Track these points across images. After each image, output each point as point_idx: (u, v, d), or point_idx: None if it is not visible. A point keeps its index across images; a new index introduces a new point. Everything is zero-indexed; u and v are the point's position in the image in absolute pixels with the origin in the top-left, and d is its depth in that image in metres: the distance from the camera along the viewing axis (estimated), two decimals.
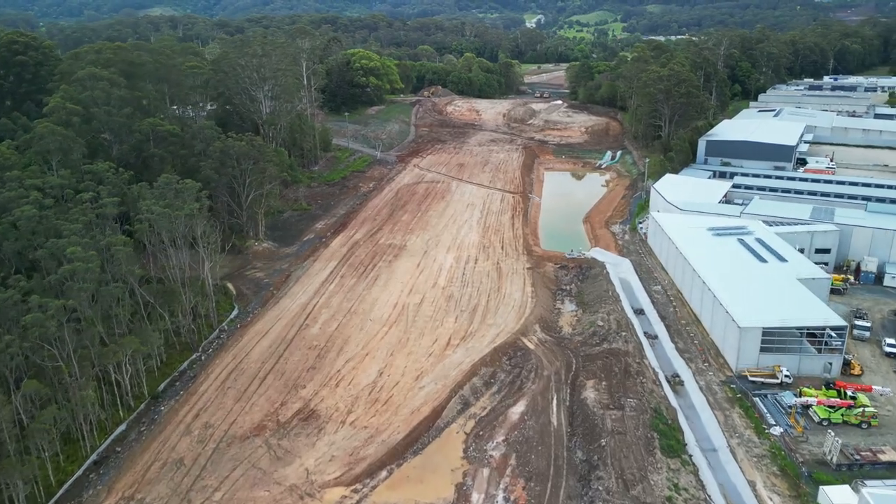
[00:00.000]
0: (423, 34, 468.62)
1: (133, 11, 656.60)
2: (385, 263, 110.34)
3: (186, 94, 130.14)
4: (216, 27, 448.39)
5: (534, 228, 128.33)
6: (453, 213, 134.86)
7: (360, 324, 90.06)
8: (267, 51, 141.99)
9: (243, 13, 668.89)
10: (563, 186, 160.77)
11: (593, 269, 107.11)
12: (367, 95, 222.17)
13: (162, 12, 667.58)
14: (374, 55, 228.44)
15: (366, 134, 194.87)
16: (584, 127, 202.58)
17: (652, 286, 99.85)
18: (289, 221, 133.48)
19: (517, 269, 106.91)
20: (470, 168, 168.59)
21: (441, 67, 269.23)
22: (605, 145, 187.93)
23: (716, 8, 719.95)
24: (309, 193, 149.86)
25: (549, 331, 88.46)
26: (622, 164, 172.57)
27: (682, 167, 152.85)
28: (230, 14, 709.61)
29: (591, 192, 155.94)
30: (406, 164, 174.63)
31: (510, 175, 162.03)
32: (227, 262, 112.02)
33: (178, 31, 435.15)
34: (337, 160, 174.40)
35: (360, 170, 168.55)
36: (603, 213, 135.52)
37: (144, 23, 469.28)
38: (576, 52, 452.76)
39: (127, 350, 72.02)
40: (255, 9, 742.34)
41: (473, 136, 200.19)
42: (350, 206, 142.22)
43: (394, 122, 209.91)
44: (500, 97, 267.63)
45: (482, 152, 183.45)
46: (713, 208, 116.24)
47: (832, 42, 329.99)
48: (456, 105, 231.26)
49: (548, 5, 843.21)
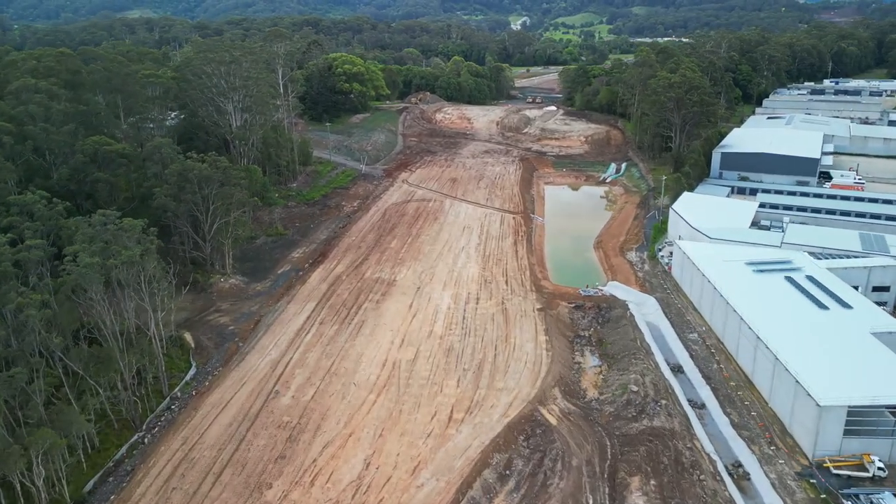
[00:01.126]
0: (409, 36, 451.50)
1: (111, 14, 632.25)
2: (372, 304, 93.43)
3: (142, 106, 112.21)
4: (194, 29, 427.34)
5: (540, 257, 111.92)
6: (448, 239, 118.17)
7: (341, 390, 73.14)
8: (236, 57, 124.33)
9: (224, 15, 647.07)
10: (567, 204, 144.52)
11: (614, 310, 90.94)
12: (350, 103, 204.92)
13: (141, 14, 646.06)
14: (357, 59, 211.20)
15: (349, 145, 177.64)
16: (584, 136, 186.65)
17: (687, 333, 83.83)
18: (262, 250, 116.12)
19: (526, 311, 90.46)
20: (464, 183, 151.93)
21: (429, 72, 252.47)
22: (607, 156, 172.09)
23: (701, 10, 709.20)
24: (286, 215, 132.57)
25: (572, 396, 72.08)
26: (628, 178, 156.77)
27: (696, 182, 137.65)
28: (211, 16, 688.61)
29: (598, 210, 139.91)
30: (394, 178, 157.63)
31: (508, 191, 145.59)
32: (187, 302, 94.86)
33: (154, 34, 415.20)
34: (318, 175, 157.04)
35: (344, 186, 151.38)
36: (616, 238, 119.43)
37: (120, 25, 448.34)
38: (564, 54, 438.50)
39: (39, 448, 54.84)
40: (236, 11, 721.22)
41: (466, 147, 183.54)
42: (332, 231, 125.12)
43: (380, 131, 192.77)
44: (490, 103, 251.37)
45: (476, 165, 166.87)
46: (747, 235, 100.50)
47: (828, 44, 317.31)
48: (446, 112, 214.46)
49: (533, 7, 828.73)
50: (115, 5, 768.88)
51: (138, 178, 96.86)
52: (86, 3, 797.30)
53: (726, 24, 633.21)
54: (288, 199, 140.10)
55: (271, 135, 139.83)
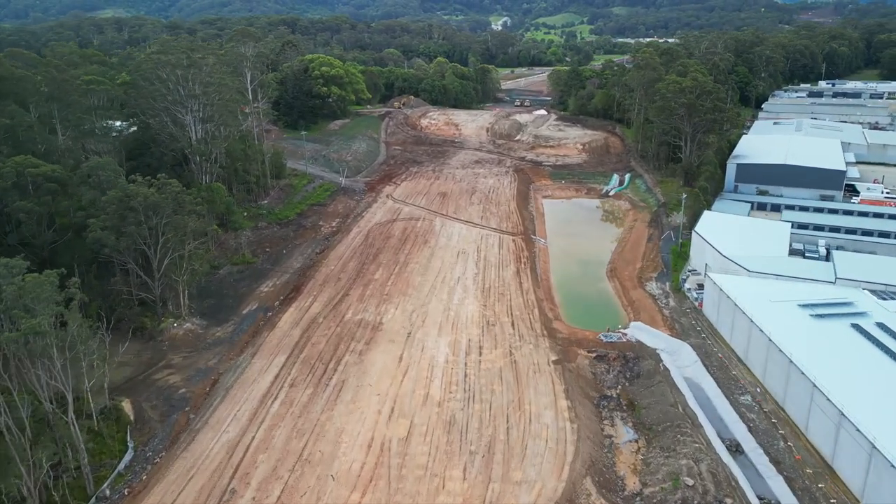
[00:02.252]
0: (389, 37, 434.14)
1: (81, 14, 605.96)
2: (354, 357, 76.96)
3: (79, 118, 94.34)
4: (167, 29, 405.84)
5: (548, 290, 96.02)
6: (441, 267, 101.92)
7: (316, 486, 56.65)
8: (195, 59, 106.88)
9: (199, 15, 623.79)
10: (570, 222, 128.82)
11: (644, 362, 75.46)
12: (328, 108, 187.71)
13: (113, 14, 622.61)
14: (336, 61, 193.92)
15: (328, 155, 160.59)
16: (581, 144, 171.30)
17: (737, 395, 68.53)
18: (225, 283, 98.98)
19: (540, 365, 74.63)
20: (455, 198, 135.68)
21: (412, 74, 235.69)
22: (608, 166, 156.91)
23: (681, 10, 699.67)
24: (255, 238, 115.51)
25: (610, 490, 56.30)
26: (633, 191, 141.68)
27: (713, 197, 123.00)
28: (186, 15, 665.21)
29: (605, 229, 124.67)
30: (377, 193, 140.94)
31: (504, 208, 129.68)
32: (131, 354, 77.92)
33: (123, 34, 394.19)
34: (292, 190, 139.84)
35: (321, 202, 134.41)
36: (630, 263, 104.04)
37: (88, 25, 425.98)
38: (548, 55, 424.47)
39: None
40: (211, 10, 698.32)
41: (455, 156, 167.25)
42: (307, 257, 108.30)
43: (361, 139, 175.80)
44: (477, 106, 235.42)
45: (467, 177, 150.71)
46: (791, 268, 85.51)
47: (820, 45, 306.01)
48: (431, 118, 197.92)
49: (513, 7, 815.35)
50: (86, 5, 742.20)
51: (69, 207, 79.39)
52: (56, 2, 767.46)
53: (707, 24, 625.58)
54: (258, 220, 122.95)
55: (238, 147, 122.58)
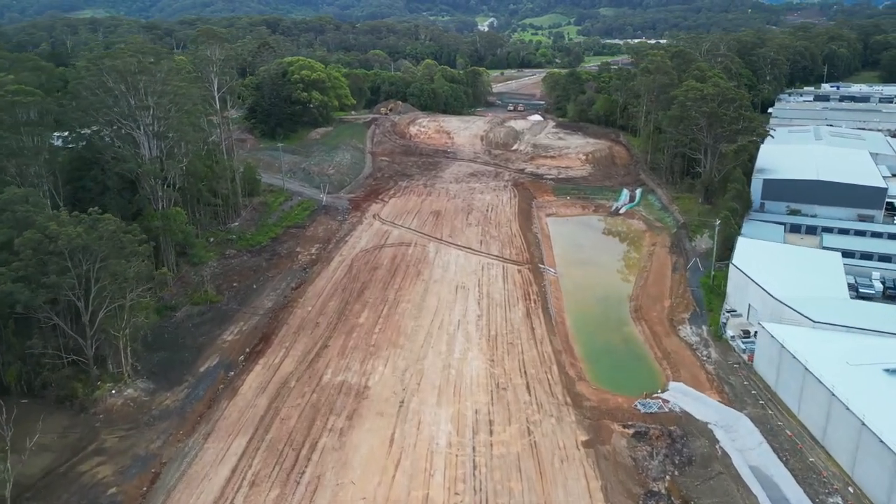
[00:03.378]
0: (375, 37, 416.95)
1: (59, 14, 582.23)
2: (332, 440, 60.59)
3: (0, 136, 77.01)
4: (144, 30, 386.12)
5: (565, 337, 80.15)
6: (437, 307, 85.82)
7: None
8: (147, 65, 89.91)
9: (179, 15, 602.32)
10: (580, 246, 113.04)
11: (695, 442, 59.82)
12: (309, 115, 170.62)
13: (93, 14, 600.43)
14: (317, 64, 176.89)
15: (308, 168, 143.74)
16: (584, 154, 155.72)
17: (823, 496, 53.06)
18: (183, 329, 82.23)
19: (567, 449, 58.77)
20: (450, 218, 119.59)
21: (399, 77, 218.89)
22: (615, 180, 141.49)
23: (669, 11, 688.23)
24: (222, 269, 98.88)
25: None
26: (646, 208, 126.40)
27: (740, 218, 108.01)
28: (167, 16, 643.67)
29: (621, 255, 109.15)
30: (363, 212, 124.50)
31: (506, 229, 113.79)
32: (55, 433, 61.39)
33: (97, 35, 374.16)
34: (267, 209, 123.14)
35: (299, 224, 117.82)
36: (657, 301, 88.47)
37: (61, 25, 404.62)
38: (538, 56, 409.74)
39: None
40: (193, 11, 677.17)
41: (447, 168, 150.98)
42: (281, 294, 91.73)
43: (344, 149, 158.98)
44: (468, 111, 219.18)
45: (462, 192, 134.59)
46: (864, 316, 70.17)
47: (820, 46, 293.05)
48: (421, 125, 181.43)
49: (499, 8, 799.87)
50: (64, 5, 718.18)
51: None
52: (34, 2, 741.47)
53: (695, 25, 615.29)
54: (226, 246, 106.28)
55: (203, 163, 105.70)
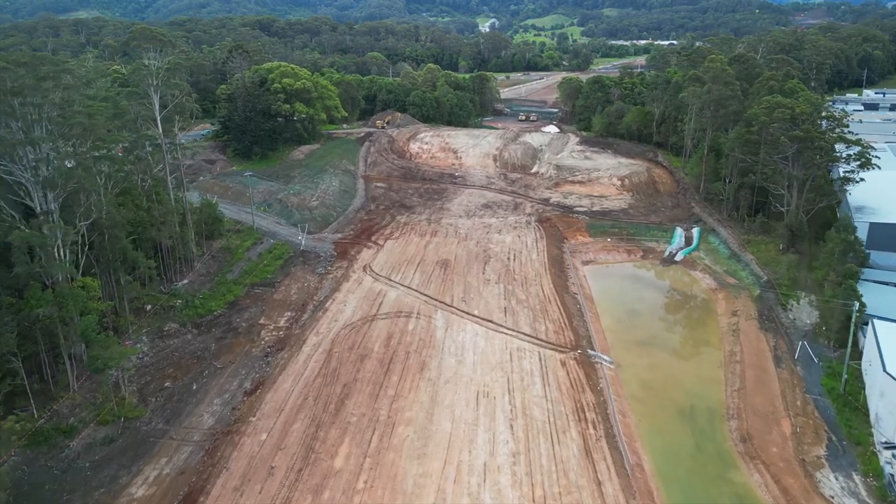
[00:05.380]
0: (373, 39, 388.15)
1: (51, 15, 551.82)
2: None
3: None
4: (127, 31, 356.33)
5: (648, 496, 51.45)
6: (451, 435, 56.72)
7: None
8: (42, 76, 61.05)
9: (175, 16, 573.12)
10: (636, 314, 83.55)
11: None
12: (292, 130, 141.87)
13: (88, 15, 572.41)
14: (301, 71, 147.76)
15: (285, 199, 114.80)
16: (618, 178, 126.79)
17: None
18: (73, 472, 53.28)
19: None
20: (461, 270, 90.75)
21: (398, 84, 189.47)
22: (663, 214, 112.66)
23: (674, 12, 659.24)
24: (155, 355, 70.35)
25: None
26: (709, 253, 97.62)
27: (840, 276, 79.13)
28: (162, 17, 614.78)
29: (693, 330, 80.00)
30: (350, 261, 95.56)
31: (536, 289, 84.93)
32: None
33: (79, 37, 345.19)
34: (230, 256, 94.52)
35: (267, 280, 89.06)
36: (771, 422, 59.29)
37: (43, 27, 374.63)
38: (545, 59, 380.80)
39: None
40: (189, 11, 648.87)
41: (456, 198, 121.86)
42: (227, 404, 62.85)
43: (332, 172, 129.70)
44: (475, 122, 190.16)
45: (475, 231, 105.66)
46: None
47: (854, 48, 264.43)
48: (423, 141, 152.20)
49: (500, 9, 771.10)
50: (59, 6, 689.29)
51: None
52: (27, 3, 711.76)
53: (702, 26, 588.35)
54: (166, 317, 77.68)
55: (136, 207, 76.82)
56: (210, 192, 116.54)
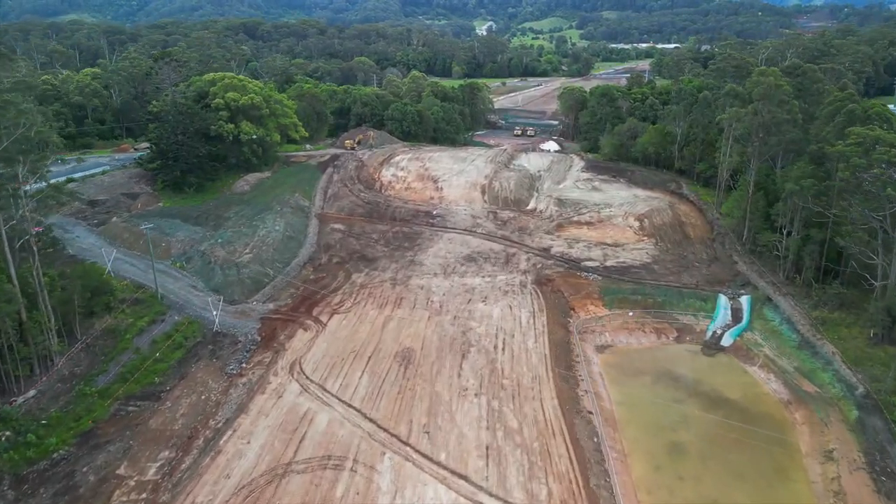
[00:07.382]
0: (363, 43, 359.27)
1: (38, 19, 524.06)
2: None
3: None
4: (104, 34, 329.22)
5: None
6: None
7: None
8: None
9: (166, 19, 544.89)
10: (679, 450, 55.05)
11: None
12: (239, 155, 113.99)
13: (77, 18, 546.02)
14: (252, 84, 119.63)
15: (209, 251, 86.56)
16: (635, 217, 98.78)
17: None
18: None
19: None
20: (428, 369, 62.83)
21: (374, 95, 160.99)
22: (698, 271, 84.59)
23: (675, 14, 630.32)
24: None
25: None
26: (767, 337, 69.77)
27: None
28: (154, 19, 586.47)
29: (767, 482, 51.95)
30: (276, 354, 67.43)
31: (532, 410, 57.00)
32: None
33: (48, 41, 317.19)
34: (113, 340, 66.72)
35: (151, 389, 60.99)
36: None
37: (14, 30, 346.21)
38: (543, 63, 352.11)
39: None
40: (181, 14, 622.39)
41: (432, 246, 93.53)
42: None
43: (278, 211, 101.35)
44: (463, 138, 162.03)
45: (453, 298, 77.63)
46: None
47: (881, 52, 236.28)
48: (398, 166, 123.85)
49: (498, 11, 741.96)
50: (49, 10, 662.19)
51: None
52: (16, 6, 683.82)
53: (704, 28, 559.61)
54: None
55: None
56: (117, 240, 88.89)
